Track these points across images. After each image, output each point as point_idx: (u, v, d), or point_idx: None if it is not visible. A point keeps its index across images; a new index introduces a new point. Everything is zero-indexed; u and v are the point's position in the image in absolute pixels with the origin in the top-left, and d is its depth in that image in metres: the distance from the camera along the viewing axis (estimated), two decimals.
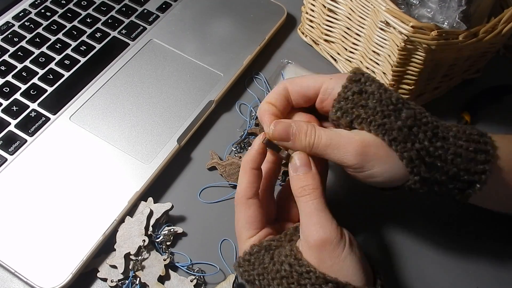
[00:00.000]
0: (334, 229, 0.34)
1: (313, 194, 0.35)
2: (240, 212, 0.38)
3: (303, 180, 0.36)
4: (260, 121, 0.39)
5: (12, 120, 0.49)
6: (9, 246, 0.41)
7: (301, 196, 0.36)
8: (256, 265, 0.36)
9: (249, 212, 0.37)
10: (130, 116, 0.50)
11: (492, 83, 0.59)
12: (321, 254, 0.34)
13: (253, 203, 0.38)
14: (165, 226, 0.44)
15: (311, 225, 0.35)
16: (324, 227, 0.34)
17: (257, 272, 0.36)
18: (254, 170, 0.38)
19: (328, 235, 0.34)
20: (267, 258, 0.36)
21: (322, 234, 0.34)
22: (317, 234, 0.34)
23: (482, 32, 0.44)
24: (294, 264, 0.34)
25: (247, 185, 0.38)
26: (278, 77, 0.57)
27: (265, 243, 0.37)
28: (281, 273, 0.34)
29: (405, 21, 0.43)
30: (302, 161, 0.36)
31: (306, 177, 0.36)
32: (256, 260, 0.36)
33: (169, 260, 0.42)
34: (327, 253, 0.34)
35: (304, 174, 0.36)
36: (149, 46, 0.56)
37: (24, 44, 0.55)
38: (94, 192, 0.45)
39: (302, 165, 0.36)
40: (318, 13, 0.56)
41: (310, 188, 0.35)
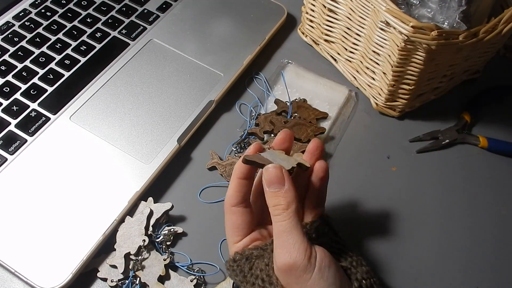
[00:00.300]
0: (302, 253, 0.33)
1: (283, 215, 0.34)
2: (226, 217, 0.39)
3: (274, 198, 0.34)
4: None
5: (12, 120, 0.49)
6: (9, 246, 0.41)
7: (273, 215, 0.35)
8: (237, 272, 0.37)
9: (233, 219, 0.38)
10: (130, 116, 0.50)
11: (492, 83, 0.59)
12: (288, 278, 0.33)
13: (236, 211, 0.38)
14: (165, 226, 0.44)
15: (278, 247, 0.34)
16: (290, 251, 0.33)
17: (239, 279, 0.37)
18: (240, 179, 0.38)
19: (293, 260, 0.33)
20: (246, 267, 0.36)
21: (288, 259, 0.33)
22: (282, 258, 0.33)
23: (482, 32, 0.44)
24: (266, 281, 0.35)
25: (232, 193, 0.38)
26: (278, 77, 0.57)
27: (247, 252, 0.37)
28: (255, 287, 0.35)
29: (405, 21, 0.43)
30: (275, 178, 0.34)
31: (277, 195, 0.34)
32: (238, 268, 0.37)
33: (169, 260, 0.42)
34: (294, 278, 0.33)
35: (275, 192, 0.34)
36: (149, 46, 0.56)
37: (24, 44, 0.55)
38: (94, 192, 0.45)
39: (275, 182, 0.34)
40: (318, 13, 0.56)
41: (281, 208, 0.34)
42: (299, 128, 0.51)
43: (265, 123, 0.52)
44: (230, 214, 0.38)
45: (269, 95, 0.55)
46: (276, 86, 0.56)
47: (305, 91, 0.56)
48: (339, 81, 0.57)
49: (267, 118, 0.52)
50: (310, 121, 0.52)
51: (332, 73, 0.58)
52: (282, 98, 0.54)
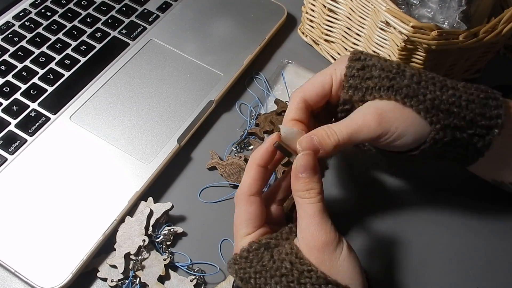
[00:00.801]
0: (334, 233, 0.35)
1: (317, 198, 0.35)
2: (240, 208, 0.38)
3: (308, 183, 0.36)
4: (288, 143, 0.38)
5: (12, 119, 0.49)
6: (9, 246, 0.41)
7: (305, 198, 0.36)
8: (254, 262, 0.35)
9: (250, 209, 0.37)
10: (130, 116, 0.50)
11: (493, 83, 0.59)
12: (321, 256, 0.34)
13: (255, 201, 0.37)
14: (165, 226, 0.44)
15: (312, 227, 0.35)
16: (325, 229, 0.34)
17: (254, 270, 0.35)
18: (260, 167, 0.38)
19: (328, 238, 0.34)
20: (266, 255, 0.35)
21: (324, 236, 0.34)
22: (318, 236, 0.34)
23: (482, 32, 0.44)
24: (296, 262, 0.34)
25: (251, 182, 0.37)
26: (278, 77, 0.57)
27: (264, 240, 0.36)
28: (281, 271, 0.34)
29: (405, 21, 0.43)
30: (308, 165, 0.36)
31: (312, 181, 0.36)
32: (255, 258, 0.36)
33: (169, 260, 0.42)
34: (327, 255, 0.34)
35: (310, 178, 0.36)
36: (149, 46, 0.56)
37: (24, 43, 0.55)
38: (94, 191, 0.45)
39: (309, 169, 0.36)
40: (318, 13, 0.56)
41: (315, 192, 0.35)
42: None
43: (265, 123, 0.52)
44: (247, 204, 0.37)
45: (269, 95, 0.55)
46: (276, 86, 0.56)
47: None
48: None
49: (267, 118, 0.52)
50: None
51: None
52: (282, 98, 0.54)
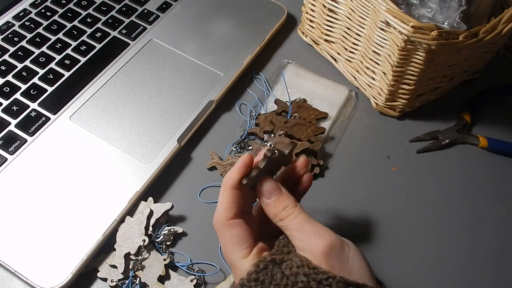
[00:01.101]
0: (332, 233, 0.34)
1: (297, 210, 0.35)
2: (224, 234, 0.36)
3: (280, 203, 0.35)
4: None
5: (12, 120, 0.49)
6: (9, 246, 0.41)
7: (285, 217, 0.35)
8: (266, 283, 0.34)
9: (234, 232, 0.35)
10: (130, 116, 0.50)
11: (493, 83, 0.59)
12: (330, 261, 0.33)
13: (235, 223, 0.36)
14: (165, 226, 0.44)
15: (309, 237, 0.34)
16: (322, 235, 0.33)
17: None
18: (234, 190, 0.36)
19: (329, 241, 0.33)
20: (278, 273, 0.34)
21: (324, 242, 0.33)
22: (319, 243, 0.33)
23: (482, 32, 0.44)
24: (310, 273, 0.33)
25: (227, 206, 0.36)
26: (278, 77, 0.57)
27: (269, 257, 0.34)
28: (298, 286, 0.33)
29: (405, 21, 0.43)
30: (271, 187, 0.35)
31: (282, 200, 0.35)
32: (266, 278, 0.34)
33: (169, 260, 0.42)
34: (335, 258, 0.33)
35: (278, 197, 0.35)
36: (149, 46, 0.56)
37: (24, 44, 0.55)
38: (94, 192, 0.45)
39: (272, 190, 0.35)
40: (318, 13, 0.56)
41: (291, 207, 0.35)
42: (299, 128, 0.51)
43: (265, 123, 0.52)
44: (230, 228, 0.35)
45: (269, 95, 0.55)
46: (276, 86, 0.56)
47: (305, 91, 0.56)
48: (339, 81, 0.57)
49: (267, 118, 0.52)
50: (310, 121, 0.52)
51: (332, 73, 0.58)
52: (282, 98, 0.54)
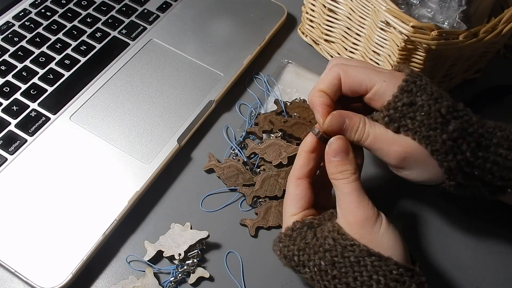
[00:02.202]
0: (372, 208, 0.36)
1: (352, 177, 0.37)
2: (289, 189, 0.40)
3: (341, 165, 0.37)
4: (312, 109, 0.40)
5: (12, 120, 0.49)
6: (9, 245, 0.41)
7: (339, 179, 0.37)
8: (297, 240, 0.37)
9: (297, 191, 0.39)
10: (130, 116, 0.50)
11: (493, 83, 0.59)
12: (362, 230, 0.36)
13: (301, 183, 0.39)
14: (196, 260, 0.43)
15: (351, 204, 0.36)
16: (363, 205, 0.36)
17: (297, 247, 0.37)
18: (307, 153, 0.40)
19: (367, 213, 0.36)
20: (310, 234, 0.37)
21: (362, 212, 0.36)
22: (357, 212, 0.36)
23: (482, 32, 0.44)
24: (338, 238, 0.36)
25: (299, 166, 0.40)
26: (278, 77, 0.57)
27: (307, 220, 0.38)
28: (325, 247, 0.36)
29: (405, 21, 0.43)
30: (341, 147, 0.38)
31: (345, 163, 0.37)
32: (298, 236, 0.37)
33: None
34: (367, 229, 0.36)
35: (342, 160, 0.37)
36: (149, 46, 0.56)
37: (24, 43, 0.55)
38: (94, 192, 0.45)
39: (341, 151, 0.38)
40: (318, 13, 0.56)
41: (348, 173, 0.37)
42: (299, 127, 0.51)
43: (264, 122, 0.52)
44: (295, 186, 0.40)
45: (269, 95, 0.55)
46: (276, 86, 0.56)
47: (306, 91, 0.56)
48: None
49: (267, 117, 0.52)
50: (310, 121, 0.52)
51: None
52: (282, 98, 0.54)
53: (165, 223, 0.45)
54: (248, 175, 0.48)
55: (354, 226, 0.36)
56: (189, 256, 0.43)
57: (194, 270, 0.42)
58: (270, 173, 0.48)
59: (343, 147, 0.38)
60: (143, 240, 0.43)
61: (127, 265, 0.43)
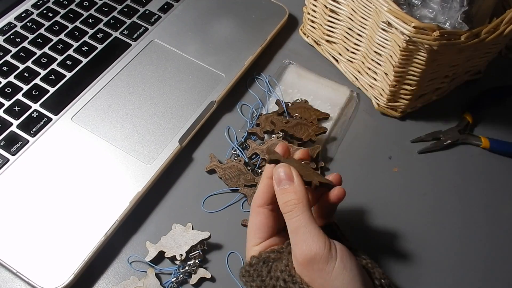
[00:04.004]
0: (321, 244, 0.32)
1: (296, 210, 0.34)
2: (250, 218, 0.38)
3: (285, 194, 0.35)
4: None
5: (14, 120, 0.49)
6: (11, 246, 0.41)
7: (285, 212, 0.35)
8: (254, 277, 0.35)
9: (256, 220, 0.37)
10: (131, 116, 0.50)
11: (494, 83, 0.59)
12: (310, 272, 0.33)
13: (261, 212, 0.37)
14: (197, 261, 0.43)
15: (297, 242, 0.33)
16: (309, 243, 0.33)
17: (256, 284, 0.35)
18: (269, 179, 0.37)
19: (313, 251, 0.32)
20: (264, 271, 0.35)
21: (307, 251, 0.32)
22: (302, 251, 0.33)
23: (484, 32, 0.44)
24: (288, 281, 0.33)
25: (259, 194, 0.37)
26: (280, 78, 0.57)
27: (264, 255, 0.36)
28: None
29: (407, 21, 0.43)
30: (284, 175, 0.35)
31: (287, 191, 0.35)
32: (255, 272, 0.36)
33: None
34: (316, 271, 0.32)
35: (285, 188, 0.35)
36: (151, 46, 0.56)
37: (26, 44, 0.55)
38: (96, 192, 0.45)
39: (284, 179, 0.35)
40: (319, 14, 0.56)
41: (292, 204, 0.34)
42: (300, 127, 0.51)
43: (265, 123, 0.52)
44: (255, 215, 0.38)
45: (271, 96, 0.55)
46: (278, 86, 0.56)
47: (307, 91, 0.56)
48: (341, 82, 0.57)
49: (268, 118, 0.52)
50: (311, 121, 0.52)
51: (334, 73, 0.58)
52: (283, 99, 0.54)
53: (167, 224, 0.45)
54: (249, 175, 0.48)
55: (302, 267, 0.33)
56: (191, 256, 0.43)
57: (196, 270, 0.42)
58: None
59: (287, 173, 0.35)
60: (144, 241, 0.43)
61: (128, 266, 0.43)
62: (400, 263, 0.46)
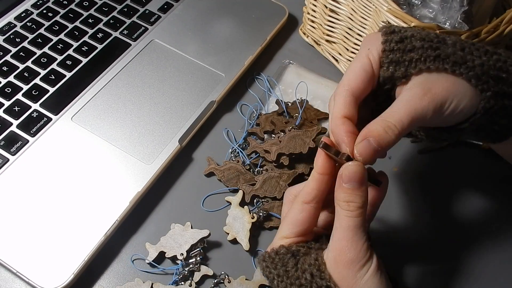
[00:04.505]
0: (365, 250, 0.33)
1: (356, 212, 0.33)
2: (291, 210, 0.37)
3: (350, 195, 0.34)
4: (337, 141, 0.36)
5: (14, 120, 0.49)
6: (10, 246, 0.41)
7: (343, 209, 0.34)
8: (278, 265, 0.35)
9: (299, 216, 0.36)
10: (131, 116, 0.50)
11: None
12: (345, 272, 0.33)
13: (306, 210, 0.36)
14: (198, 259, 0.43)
15: (343, 240, 0.33)
16: (355, 247, 0.33)
17: (277, 272, 0.35)
18: (319, 174, 0.36)
19: (356, 256, 0.33)
20: (291, 262, 0.35)
21: (352, 254, 0.33)
22: (347, 252, 0.33)
23: (484, 32, 0.44)
24: (316, 275, 0.33)
25: (308, 190, 0.36)
26: (280, 78, 0.57)
27: (294, 248, 0.36)
28: (301, 281, 0.34)
29: (407, 21, 0.43)
30: (354, 176, 0.34)
31: (355, 193, 0.34)
32: (280, 261, 0.35)
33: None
34: (351, 272, 0.33)
35: (353, 189, 0.34)
36: (150, 46, 0.56)
37: (26, 44, 0.55)
38: (95, 192, 0.45)
39: (353, 180, 0.34)
40: (319, 14, 0.56)
41: (354, 206, 0.33)
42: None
43: (266, 123, 0.52)
44: (299, 210, 0.36)
45: (271, 96, 0.55)
46: (277, 86, 0.56)
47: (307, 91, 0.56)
48: None
49: (268, 118, 0.52)
50: (311, 121, 0.52)
51: (334, 73, 0.58)
52: (283, 99, 0.54)
53: (167, 223, 0.45)
54: (249, 175, 0.48)
55: (339, 265, 0.33)
56: (191, 255, 0.43)
57: (199, 268, 0.42)
58: (272, 174, 0.48)
59: (358, 175, 0.33)
60: (144, 241, 0.43)
61: (128, 266, 0.43)
62: (400, 263, 0.46)
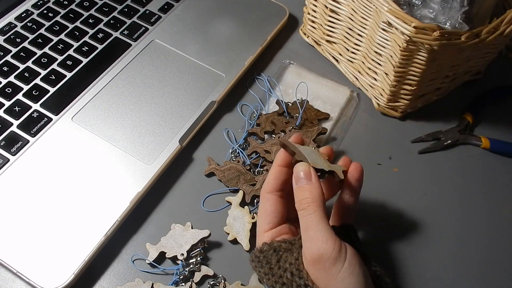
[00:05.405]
0: (330, 245, 0.32)
1: (310, 208, 0.34)
2: (260, 204, 0.39)
3: (300, 192, 0.35)
4: None
5: (14, 120, 0.49)
6: (11, 246, 0.41)
7: (299, 209, 0.35)
8: (263, 263, 0.36)
9: (266, 206, 0.38)
10: (132, 116, 0.50)
11: (495, 84, 0.59)
12: (317, 271, 0.33)
13: (270, 198, 0.38)
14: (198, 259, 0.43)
15: (307, 240, 0.34)
16: (318, 243, 0.33)
17: (264, 270, 0.36)
18: (280, 167, 0.38)
19: (321, 251, 0.32)
20: (274, 259, 0.35)
21: (316, 250, 0.32)
22: (310, 249, 0.33)
23: (484, 32, 0.44)
24: (295, 274, 0.34)
25: (269, 180, 0.38)
26: (280, 78, 0.57)
27: (275, 244, 0.36)
28: (283, 279, 0.34)
29: (407, 21, 0.43)
30: (303, 173, 0.35)
31: (303, 189, 0.35)
32: (264, 259, 0.36)
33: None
34: (322, 271, 0.33)
35: (301, 186, 0.35)
36: (151, 46, 0.56)
37: (27, 44, 0.55)
38: (96, 192, 0.45)
39: (302, 177, 0.35)
40: (320, 14, 0.56)
41: (306, 202, 0.34)
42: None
43: (266, 123, 0.52)
44: (265, 201, 0.38)
45: (271, 96, 0.55)
46: (278, 87, 0.56)
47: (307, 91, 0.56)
48: (341, 82, 0.57)
49: (268, 118, 0.52)
50: (311, 122, 0.52)
51: (334, 73, 0.58)
52: (283, 99, 0.54)
53: (167, 223, 0.45)
54: (249, 175, 0.48)
55: (309, 265, 0.33)
56: (192, 255, 0.43)
57: (200, 268, 0.42)
58: None
59: (305, 172, 0.35)
60: (145, 241, 0.43)
61: (129, 266, 0.43)
62: (400, 263, 0.46)
